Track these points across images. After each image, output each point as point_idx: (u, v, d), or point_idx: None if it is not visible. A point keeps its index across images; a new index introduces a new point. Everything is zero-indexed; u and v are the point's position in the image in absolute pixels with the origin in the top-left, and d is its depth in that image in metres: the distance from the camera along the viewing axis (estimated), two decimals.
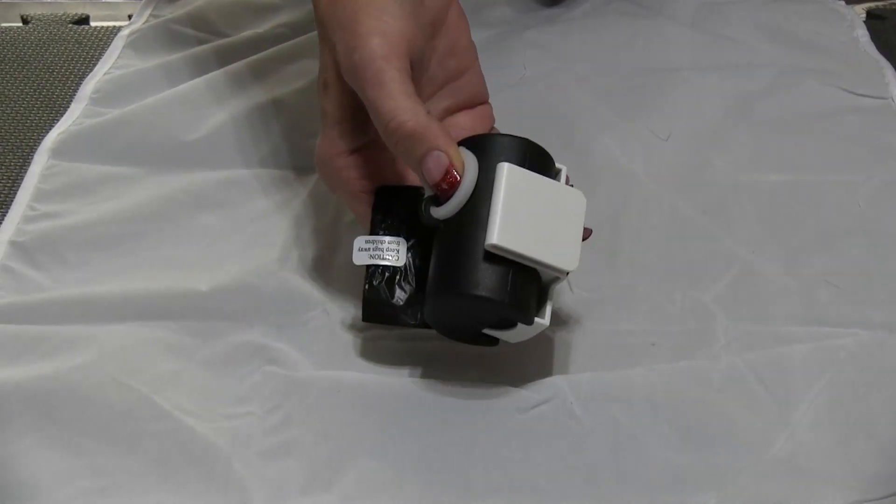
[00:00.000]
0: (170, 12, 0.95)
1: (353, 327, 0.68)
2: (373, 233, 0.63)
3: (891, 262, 0.70)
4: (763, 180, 0.76)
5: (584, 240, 0.61)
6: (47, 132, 0.82)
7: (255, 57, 0.87)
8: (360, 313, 0.64)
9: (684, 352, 0.66)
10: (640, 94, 0.86)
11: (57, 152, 0.80)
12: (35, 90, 0.92)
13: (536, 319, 0.59)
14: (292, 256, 0.72)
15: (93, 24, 1.02)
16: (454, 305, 0.59)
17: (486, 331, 0.62)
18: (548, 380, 0.64)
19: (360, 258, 0.63)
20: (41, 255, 0.72)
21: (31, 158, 0.80)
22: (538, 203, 0.59)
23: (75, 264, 0.72)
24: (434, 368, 0.65)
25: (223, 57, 0.88)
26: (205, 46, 0.90)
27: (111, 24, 1.01)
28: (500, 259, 0.58)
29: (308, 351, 0.67)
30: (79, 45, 0.97)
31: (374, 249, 0.63)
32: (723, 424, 0.61)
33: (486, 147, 0.60)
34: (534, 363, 0.66)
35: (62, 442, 0.61)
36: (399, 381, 0.64)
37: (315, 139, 0.75)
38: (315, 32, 0.89)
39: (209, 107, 0.83)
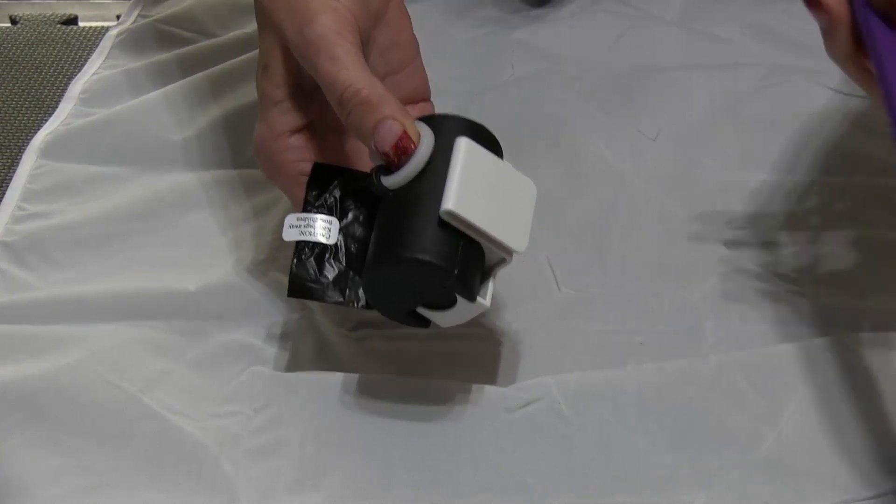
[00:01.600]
0: (158, 12, 0.95)
1: (340, 328, 0.68)
2: (305, 210, 0.62)
3: (880, 263, 0.70)
4: (751, 179, 0.76)
5: None
6: (36, 132, 0.82)
7: (243, 57, 0.87)
8: (347, 313, 0.64)
9: (672, 351, 0.66)
10: (628, 94, 0.86)
11: (45, 152, 0.80)
12: (23, 90, 0.92)
13: (479, 299, 0.58)
14: (280, 257, 0.72)
15: (81, 24, 1.02)
16: (397, 273, 0.57)
17: (421, 310, 0.60)
18: (535, 379, 0.64)
19: (290, 234, 0.61)
20: (30, 255, 0.72)
21: (20, 158, 0.80)
22: (493, 182, 0.58)
23: (64, 264, 0.72)
24: (421, 368, 0.66)
25: (211, 57, 0.88)
26: (193, 47, 0.90)
27: (99, 24, 1.01)
28: (452, 229, 0.56)
29: (296, 351, 0.67)
30: (67, 46, 0.97)
31: (304, 226, 0.61)
32: (711, 424, 0.61)
33: (440, 124, 0.59)
34: (521, 363, 0.66)
35: (50, 441, 0.61)
36: (387, 381, 0.64)
37: None
38: None
39: (197, 107, 0.83)
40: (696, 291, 0.69)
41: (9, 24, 1.01)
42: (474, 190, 0.56)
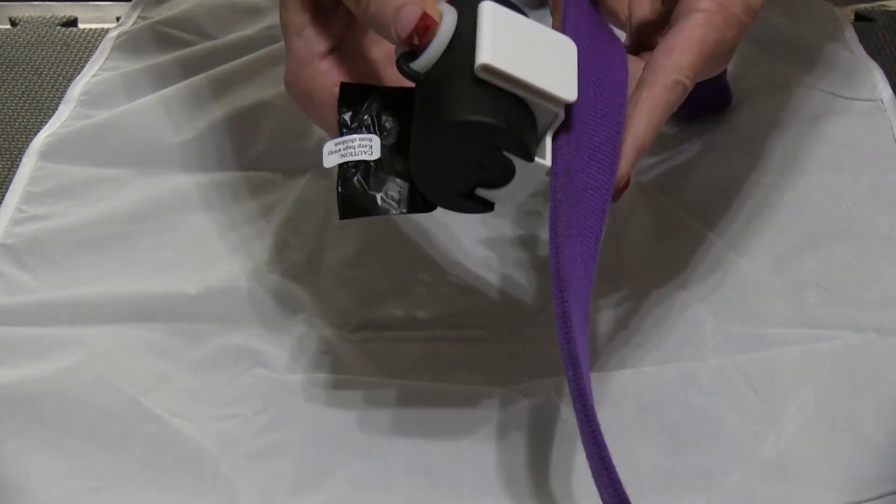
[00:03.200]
0: (157, 14, 0.95)
1: (341, 330, 0.68)
2: (340, 133, 0.57)
3: (879, 264, 0.70)
4: (750, 182, 0.76)
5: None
6: (35, 134, 0.82)
7: (243, 59, 0.87)
8: (345, 315, 0.64)
9: (672, 354, 0.66)
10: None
11: (45, 155, 0.80)
12: (23, 92, 0.92)
13: (536, 158, 0.53)
14: (280, 259, 0.72)
15: (81, 26, 1.01)
16: (443, 145, 0.53)
17: (480, 191, 0.55)
18: (535, 381, 0.64)
19: (331, 161, 0.57)
20: (29, 258, 0.72)
21: (20, 161, 0.80)
22: (527, 37, 0.54)
23: (64, 266, 0.72)
24: (422, 371, 0.66)
25: (211, 59, 0.88)
26: (193, 48, 0.90)
27: (99, 26, 1.01)
28: (492, 87, 0.52)
29: (296, 353, 0.67)
30: (67, 48, 0.97)
31: (344, 149, 0.57)
32: (710, 426, 0.61)
33: (460, 2, 0.55)
34: (521, 365, 0.66)
35: (50, 444, 0.61)
36: (387, 383, 0.64)
37: (304, 141, 0.75)
38: None
39: (197, 109, 0.83)
40: (695, 294, 0.69)
41: (8, 26, 1.01)
42: (508, 44, 0.52)
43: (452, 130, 0.51)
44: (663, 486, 0.59)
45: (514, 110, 0.52)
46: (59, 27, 1.00)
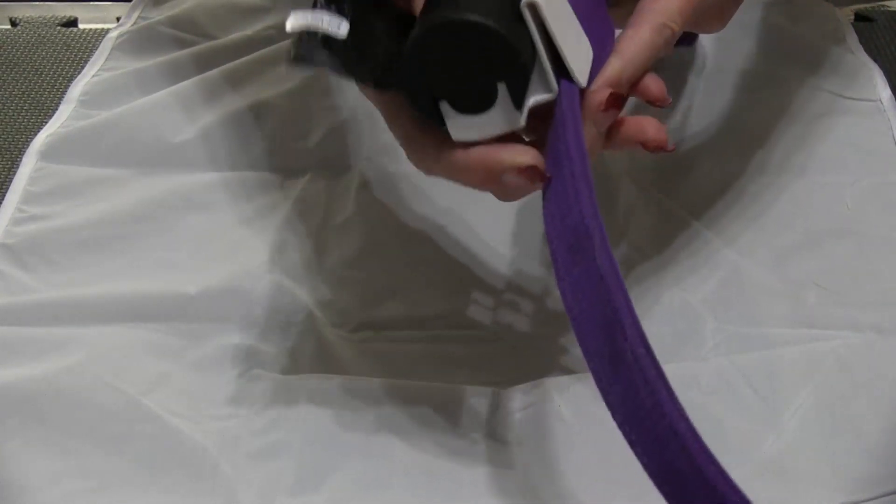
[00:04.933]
0: (158, 14, 0.95)
1: (341, 330, 0.68)
2: (313, 6, 0.53)
3: (879, 264, 0.70)
4: (750, 182, 0.76)
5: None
6: (35, 135, 0.82)
7: (243, 59, 0.87)
8: (345, 315, 0.63)
9: (672, 354, 0.66)
10: None
11: (45, 154, 0.80)
12: (23, 93, 0.92)
13: (517, 111, 0.52)
14: (280, 259, 0.72)
15: (81, 26, 1.01)
16: (448, 40, 0.51)
17: (444, 106, 0.53)
18: (535, 381, 0.64)
19: (295, 22, 0.52)
20: (30, 258, 0.72)
21: (20, 161, 0.80)
22: (568, 14, 0.52)
23: (64, 266, 0.72)
24: (422, 370, 0.66)
25: (212, 59, 0.88)
26: (193, 49, 0.90)
27: (99, 26, 1.01)
28: (523, 22, 0.50)
29: (296, 354, 0.67)
30: (67, 48, 0.97)
31: (312, 18, 0.52)
32: (710, 426, 0.61)
33: None
34: (522, 365, 0.66)
35: (50, 443, 0.61)
36: (387, 383, 0.64)
37: (304, 141, 0.75)
38: None
39: (197, 109, 0.83)
40: (695, 294, 0.69)
41: (9, 27, 1.01)
42: (556, 4, 0.51)
43: (475, 30, 0.50)
44: None
45: (531, 50, 0.51)
46: (59, 27, 1.00)
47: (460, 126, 0.53)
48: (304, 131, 0.81)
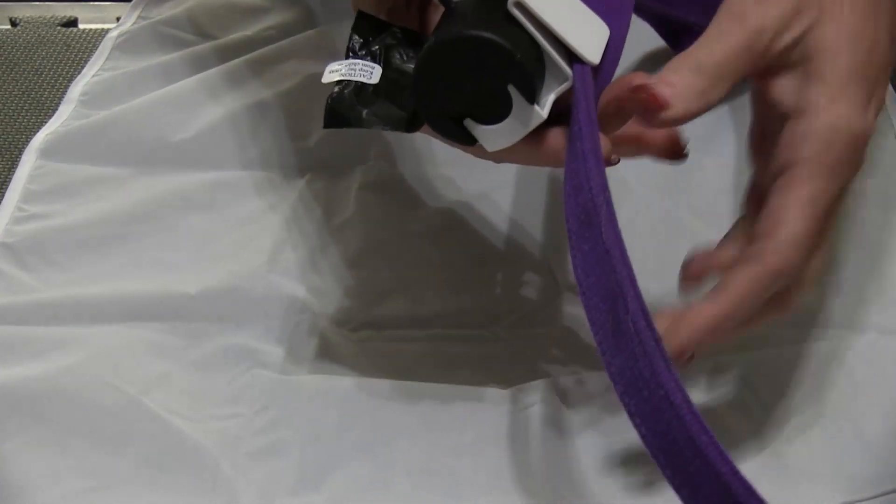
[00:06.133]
0: (158, 14, 0.95)
1: (341, 330, 0.68)
2: (346, 58, 0.57)
3: (880, 264, 0.70)
4: None
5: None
6: (36, 135, 0.82)
7: (243, 58, 0.87)
8: (346, 314, 0.63)
9: None
10: None
11: (45, 152, 0.80)
12: (23, 93, 0.92)
13: (535, 106, 0.52)
14: (281, 259, 0.72)
15: (81, 26, 1.02)
16: (454, 54, 0.51)
17: (468, 123, 0.54)
18: (536, 381, 0.64)
19: (329, 77, 0.57)
20: (30, 257, 0.72)
21: (20, 161, 0.80)
22: (568, 2, 0.53)
23: (64, 266, 0.72)
24: (423, 370, 0.66)
25: (211, 59, 0.88)
26: (193, 49, 0.90)
27: (99, 26, 1.01)
28: (516, 24, 0.51)
29: (297, 353, 0.67)
30: (67, 48, 0.97)
31: (346, 69, 0.57)
32: (710, 425, 0.61)
33: None
34: (522, 364, 0.66)
35: (50, 443, 0.61)
36: (388, 383, 0.64)
37: (304, 140, 0.75)
38: (304, 34, 0.89)
39: (197, 107, 0.83)
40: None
41: (9, 27, 1.01)
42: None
43: (465, 44, 0.51)
44: (663, 486, 0.59)
45: (530, 51, 0.51)
46: (59, 27, 1.00)
47: (490, 137, 0.54)
48: (304, 131, 0.81)
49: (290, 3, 0.94)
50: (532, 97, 0.52)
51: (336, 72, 0.56)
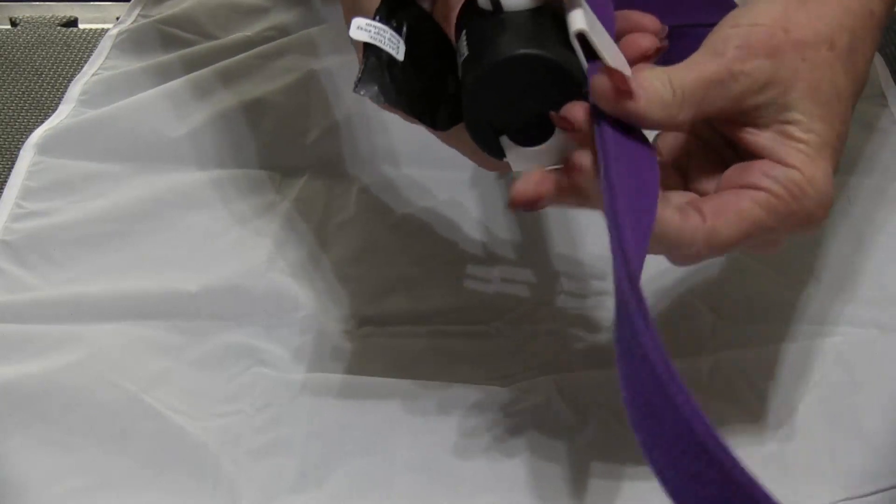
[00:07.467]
0: (158, 13, 0.95)
1: (341, 327, 0.68)
2: (376, 18, 0.54)
3: (880, 261, 0.70)
4: None
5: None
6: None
7: (241, 55, 0.87)
8: (347, 311, 0.63)
9: (672, 350, 0.65)
10: None
11: (43, 148, 0.80)
12: (23, 92, 0.92)
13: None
14: (281, 257, 0.72)
15: (81, 26, 1.01)
16: (516, 76, 0.51)
17: (503, 140, 0.54)
18: (537, 379, 0.64)
19: (359, 35, 0.53)
20: (29, 254, 0.72)
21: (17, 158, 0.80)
22: (600, 31, 0.53)
23: (64, 263, 0.72)
24: (424, 368, 0.66)
25: (211, 59, 0.88)
26: (193, 48, 0.90)
27: (99, 26, 1.01)
28: (572, 49, 0.51)
29: (297, 351, 0.67)
30: (67, 48, 0.97)
31: (375, 33, 0.53)
32: (711, 423, 0.61)
33: None
34: (523, 361, 0.66)
35: (51, 441, 0.61)
36: (388, 381, 0.64)
37: (303, 137, 0.75)
38: (303, 32, 0.89)
39: (196, 103, 0.83)
40: (696, 290, 0.69)
41: (8, 27, 1.01)
42: (594, 25, 0.52)
43: (534, 63, 0.51)
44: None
45: (584, 77, 0.51)
46: (59, 27, 1.00)
47: (520, 157, 0.54)
48: (303, 129, 0.81)
49: (290, 3, 0.94)
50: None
51: (365, 31, 0.53)
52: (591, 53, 0.51)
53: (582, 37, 0.50)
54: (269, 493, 0.59)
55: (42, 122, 0.84)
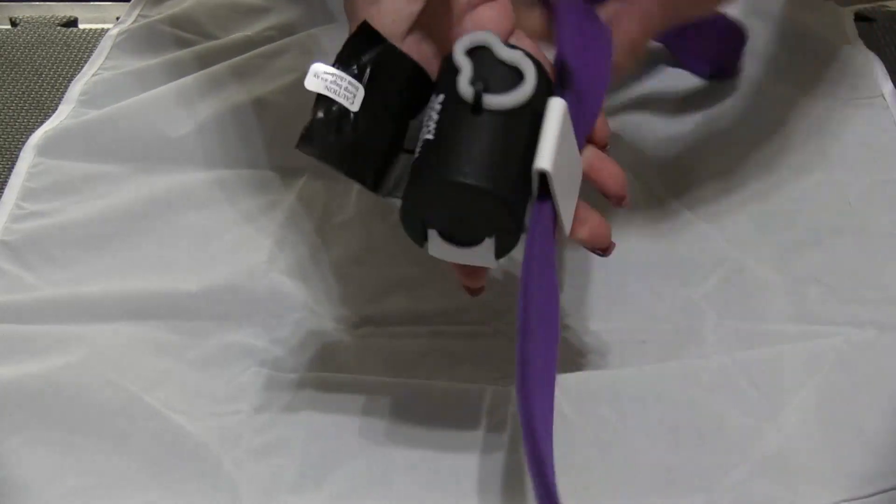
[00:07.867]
0: (158, 13, 0.95)
1: (341, 327, 0.68)
2: (335, 65, 0.53)
3: (880, 261, 0.70)
4: (753, 178, 0.76)
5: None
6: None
7: (243, 55, 0.87)
8: (347, 311, 0.63)
9: (674, 350, 0.66)
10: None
11: (43, 149, 0.80)
12: (23, 92, 0.92)
13: (497, 260, 0.55)
14: (280, 257, 0.72)
15: (81, 26, 1.01)
16: (461, 196, 0.52)
17: (431, 233, 0.55)
18: None
19: (314, 84, 0.52)
20: (30, 255, 0.72)
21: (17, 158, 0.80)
22: (569, 157, 0.54)
23: (64, 264, 0.72)
24: (423, 367, 0.66)
25: (211, 59, 0.88)
26: (193, 49, 0.90)
27: (99, 26, 1.00)
28: (528, 187, 0.52)
29: (297, 351, 0.67)
30: (67, 48, 0.97)
31: (331, 81, 0.52)
32: (712, 423, 0.61)
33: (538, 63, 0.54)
34: None
35: (52, 441, 0.61)
36: (388, 380, 0.64)
37: None
38: (304, 34, 0.89)
39: (196, 103, 0.83)
40: (698, 290, 0.69)
41: (8, 27, 1.01)
42: (560, 161, 0.52)
43: (494, 199, 0.52)
44: (664, 484, 0.59)
45: (525, 214, 0.53)
46: (59, 27, 1.00)
47: (440, 248, 0.55)
48: (302, 129, 0.81)
49: (290, 3, 0.94)
50: (502, 254, 0.54)
51: (321, 80, 0.52)
52: (547, 190, 0.52)
53: (543, 176, 0.51)
54: (270, 492, 0.59)
55: (42, 122, 0.84)
